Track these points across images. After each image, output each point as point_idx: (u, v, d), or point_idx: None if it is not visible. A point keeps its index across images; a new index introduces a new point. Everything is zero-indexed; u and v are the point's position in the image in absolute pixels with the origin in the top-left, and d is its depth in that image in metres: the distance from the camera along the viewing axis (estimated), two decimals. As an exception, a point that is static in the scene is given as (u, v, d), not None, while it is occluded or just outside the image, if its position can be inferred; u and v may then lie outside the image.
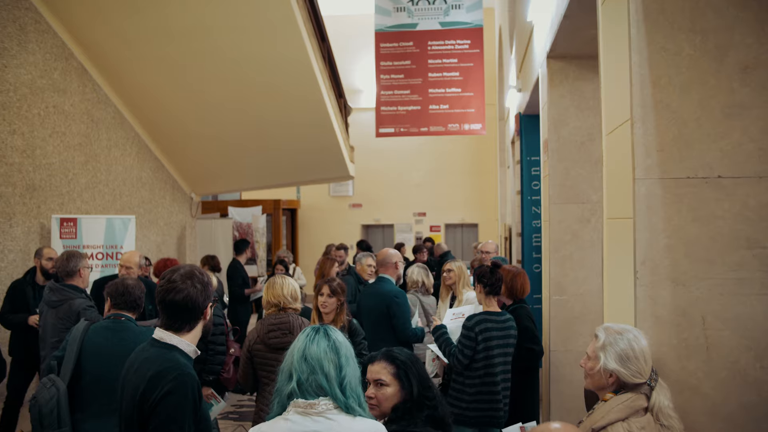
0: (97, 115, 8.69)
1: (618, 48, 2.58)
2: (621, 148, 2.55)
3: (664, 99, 2.37)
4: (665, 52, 2.37)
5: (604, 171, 2.94)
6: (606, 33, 2.87)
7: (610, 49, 2.80)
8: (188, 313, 2.38)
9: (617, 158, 2.64)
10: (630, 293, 2.42)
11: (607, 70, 2.85)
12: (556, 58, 5.15)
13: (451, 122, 11.24)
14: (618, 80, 2.59)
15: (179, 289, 2.35)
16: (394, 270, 5.18)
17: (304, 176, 12.14)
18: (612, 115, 2.74)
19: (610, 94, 2.80)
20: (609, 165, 2.84)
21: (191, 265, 2.53)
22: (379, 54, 11.21)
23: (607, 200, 2.88)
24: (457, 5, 10.80)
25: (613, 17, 2.69)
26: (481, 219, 17.26)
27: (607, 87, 2.85)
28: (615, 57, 2.66)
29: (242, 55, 8.42)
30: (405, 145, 16.83)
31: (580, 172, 5.15)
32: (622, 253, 2.54)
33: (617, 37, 2.59)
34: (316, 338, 2.19)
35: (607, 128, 2.87)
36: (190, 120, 9.81)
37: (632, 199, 2.37)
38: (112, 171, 9.06)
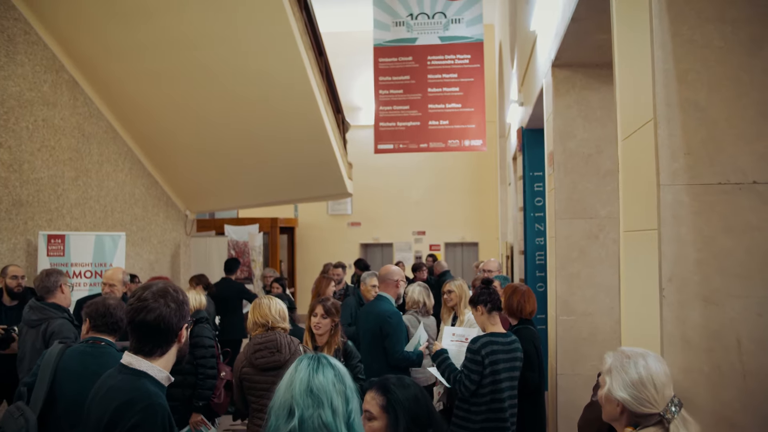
0: (88, 129, 8.47)
1: (637, 42, 2.35)
2: (642, 152, 2.31)
3: (692, 96, 2.13)
4: (692, 44, 2.14)
5: (621, 179, 2.69)
6: (622, 27, 2.64)
7: (627, 44, 2.57)
8: (160, 336, 2.12)
9: (637, 164, 2.40)
10: (654, 314, 2.17)
11: (624, 68, 2.61)
12: (561, 66, 4.94)
13: (451, 138, 11.03)
14: (638, 77, 2.36)
15: (150, 308, 2.10)
16: (395, 289, 4.90)
17: (301, 194, 11.90)
18: (630, 117, 2.50)
19: (627, 94, 2.57)
20: (626, 172, 2.60)
21: (166, 281, 2.27)
22: (378, 69, 11.03)
23: (625, 211, 2.63)
24: (457, 19, 10.63)
25: (631, 9, 2.46)
26: (482, 238, 17.02)
27: (624, 86, 2.61)
28: (634, 52, 2.42)
29: (238, 69, 8.21)
30: (404, 163, 16.65)
31: (588, 185, 4.91)
32: (645, 269, 2.29)
33: (636, 31, 2.36)
34: (321, 367, 1.91)
35: (623, 132, 2.63)
36: (184, 135, 9.59)
37: (657, 208, 2.13)
38: (103, 187, 8.82)
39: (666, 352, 2.09)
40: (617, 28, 2.72)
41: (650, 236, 2.21)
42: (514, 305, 4.39)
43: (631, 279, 2.54)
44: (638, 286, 2.42)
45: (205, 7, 7.33)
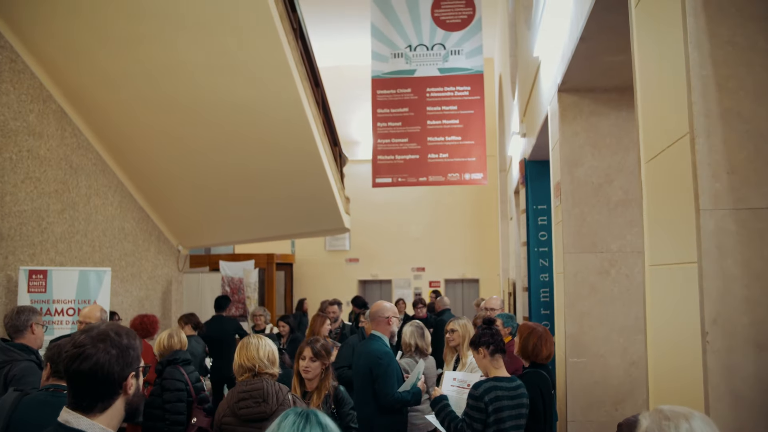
0: (76, 161, 8.19)
1: (667, 45, 2.05)
2: (675, 172, 2.00)
3: (735, 106, 1.83)
4: (733, 46, 1.85)
5: (645, 206, 2.38)
6: (646, 28, 2.34)
7: (652, 48, 2.27)
8: (99, 387, 1.77)
9: (668, 187, 2.09)
10: (695, 362, 1.84)
11: (649, 76, 2.32)
12: (568, 91, 4.66)
13: (450, 172, 10.73)
14: (667, 86, 2.06)
15: (86, 356, 1.76)
16: (386, 326, 4.49)
17: (297, 229, 11.58)
18: (657, 134, 2.20)
19: (653, 107, 2.27)
20: (653, 198, 2.29)
21: (114, 323, 1.93)
22: (376, 101, 10.79)
23: (652, 243, 2.31)
24: (457, 51, 10.43)
25: (658, 7, 2.17)
26: (483, 274, 16.67)
27: (649, 98, 2.31)
28: (662, 57, 2.13)
29: (232, 100, 7.97)
30: (403, 198, 16.41)
31: (598, 217, 4.60)
32: (681, 310, 1.96)
33: (665, 32, 2.07)
34: (308, 426, 1.59)
35: (648, 152, 2.32)
36: (177, 168, 9.31)
37: (696, 237, 1.81)
38: (91, 220, 8.51)
39: (713, 409, 1.75)
40: (639, 30, 2.43)
41: (688, 271, 1.89)
42: (530, 348, 4.01)
43: (661, 321, 2.21)
44: (671, 329, 2.08)
45: (197, 36, 7.11)
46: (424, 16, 10.46)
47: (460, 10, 10.35)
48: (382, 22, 10.63)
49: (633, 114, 4.65)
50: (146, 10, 6.81)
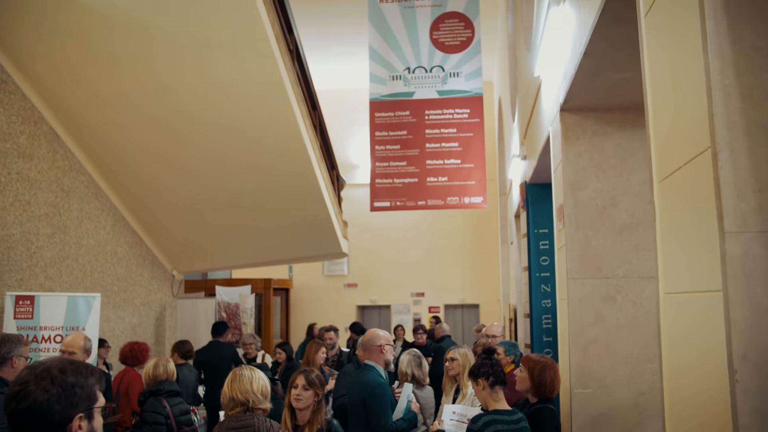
0: (67, 183, 8.02)
1: (683, 54, 1.89)
2: (694, 191, 1.82)
3: (761, 117, 1.66)
4: (757, 51, 1.68)
5: (659, 229, 2.20)
6: (657, 40, 2.18)
7: (664, 59, 2.11)
8: (37, 429, 1.58)
9: (686, 207, 1.91)
10: (722, 404, 1.65)
11: (662, 87, 2.15)
12: (570, 111, 4.51)
13: (450, 195, 10.56)
14: (684, 97, 1.89)
15: (25, 394, 1.57)
16: (380, 355, 4.25)
17: (294, 253, 11.39)
18: (673, 150, 2.02)
19: (667, 120, 2.10)
20: (667, 220, 2.11)
21: (62, 359, 1.73)
22: (374, 124, 10.65)
23: (666, 269, 2.13)
24: (456, 73, 10.32)
25: (672, 16, 2.01)
26: (483, 299, 16.46)
27: (662, 112, 2.14)
28: (676, 68, 1.96)
29: (226, 121, 7.83)
30: (402, 223, 16.26)
31: (603, 242, 4.42)
32: (704, 343, 1.78)
33: (681, 40, 1.91)
34: None
35: (662, 171, 2.14)
36: (171, 191, 9.15)
37: (720, 263, 1.63)
38: (82, 245, 8.32)
39: (744, 457, 1.56)
40: (649, 40, 2.27)
41: (710, 300, 1.70)
42: (546, 383, 3.73)
43: (678, 354, 2.02)
44: (692, 364, 1.89)
45: (192, 56, 6.99)
46: (422, 38, 10.36)
47: (459, 32, 10.26)
48: (380, 45, 10.53)
49: (638, 134, 4.49)
50: (139, 30, 6.70)
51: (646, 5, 2.30)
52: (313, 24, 13.48)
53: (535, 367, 3.76)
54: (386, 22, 10.50)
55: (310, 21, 13.16)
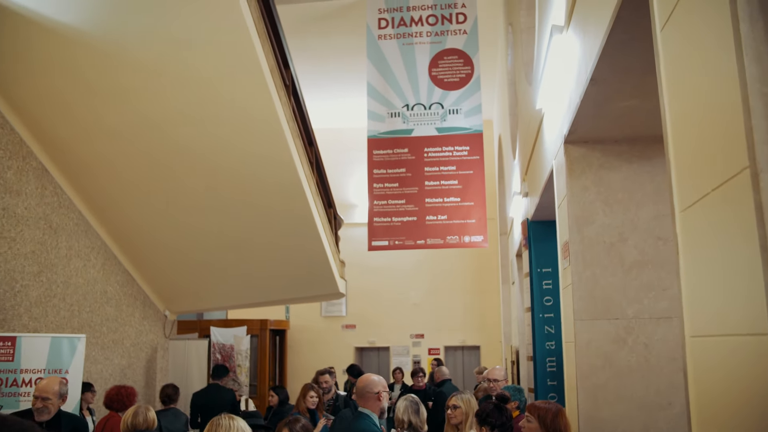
0: (56, 220, 7.79)
1: (711, 63, 1.68)
2: (728, 218, 1.59)
3: (808, 132, 1.44)
4: (801, 57, 1.47)
5: (682, 264, 1.96)
6: (677, 53, 1.98)
7: (687, 73, 1.90)
8: None
9: (718, 237, 1.68)
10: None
11: (684, 107, 1.93)
12: (575, 143, 4.31)
13: (450, 234, 10.32)
14: (713, 113, 1.68)
15: None
16: (376, 402, 3.96)
17: (289, 294, 11.10)
18: (699, 173, 1.80)
19: (691, 143, 1.88)
20: (693, 253, 1.87)
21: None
22: (372, 161, 10.48)
23: (693, 308, 1.89)
24: (455, 110, 10.18)
25: (696, 24, 1.81)
26: (484, 341, 16.12)
27: (685, 132, 1.92)
28: (703, 80, 1.75)
29: (219, 156, 7.65)
30: (401, 263, 16.02)
31: (611, 280, 4.17)
32: (746, 395, 1.53)
33: (709, 49, 1.69)
34: None
35: (686, 198, 1.92)
36: (164, 229, 8.92)
37: (767, 300, 1.39)
38: (70, 284, 8.05)
39: None
40: (667, 55, 2.06)
41: (754, 345, 1.46)
42: (561, 431, 3.46)
43: (713, 408, 1.76)
44: (731, 420, 1.64)
45: (184, 91, 6.83)
46: (421, 74, 10.26)
47: (458, 69, 10.16)
48: (379, 81, 10.43)
49: (645, 167, 4.28)
50: (131, 64, 6.55)
51: (662, 17, 2.11)
52: (311, 61, 13.43)
53: (546, 415, 3.47)
54: (384, 59, 10.41)
55: (307, 57, 13.10)
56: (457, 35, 10.26)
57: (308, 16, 12.19)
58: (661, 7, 2.12)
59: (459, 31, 10.25)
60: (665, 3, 2.07)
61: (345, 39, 12.57)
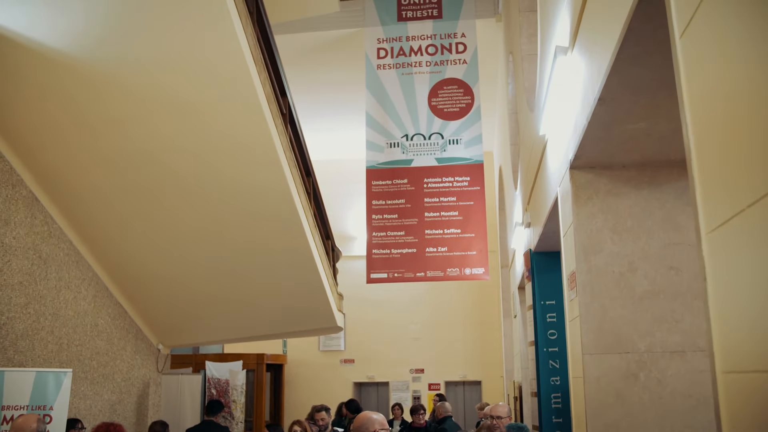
0: (46, 250, 7.59)
1: (745, 67, 1.50)
2: (765, 237, 1.40)
3: None
4: None
5: (710, 291, 1.76)
6: (702, 59, 1.80)
7: (714, 79, 1.72)
8: None
9: (754, 260, 1.48)
10: None
11: (711, 118, 1.75)
12: (581, 168, 4.13)
13: (450, 266, 10.15)
14: (745, 119, 1.49)
15: None
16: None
17: (285, 328, 10.83)
18: (730, 190, 1.61)
19: (720, 157, 1.69)
20: (725, 278, 1.67)
21: None
22: (371, 192, 10.35)
23: (725, 340, 1.68)
24: (455, 140, 10.07)
25: (721, 26, 1.63)
26: (485, 375, 15.81)
27: (709, 144, 1.74)
28: (734, 86, 1.57)
29: (214, 186, 7.49)
30: (401, 296, 15.80)
31: (622, 312, 3.96)
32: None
33: (743, 51, 1.52)
34: None
35: (714, 218, 1.72)
36: (158, 261, 8.71)
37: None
38: (59, 316, 7.82)
39: None
40: (688, 63, 1.88)
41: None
42: None
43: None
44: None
45: (177, 119, 6.69)
46: (421, 104, 10.17)
47: (458, 99, 10.07)
48: (378, 112, 10.34)
49: (655, 193, 4.09)
50: (125, 93, 6.42)
51: (681, 23, 1.93)
52: (311, 92, 13.35)
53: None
54: (384, 89, 10.33)
55: (307, 88, 13.03)
56: (457, 65, 10.19)
57: (309, 47, 12.13)
58: (680, 11, 1.95)
59: (459, 60, 10.19)
60: (685, 5, 1.90)
61: (346, 69, 12.50)
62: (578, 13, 3.52)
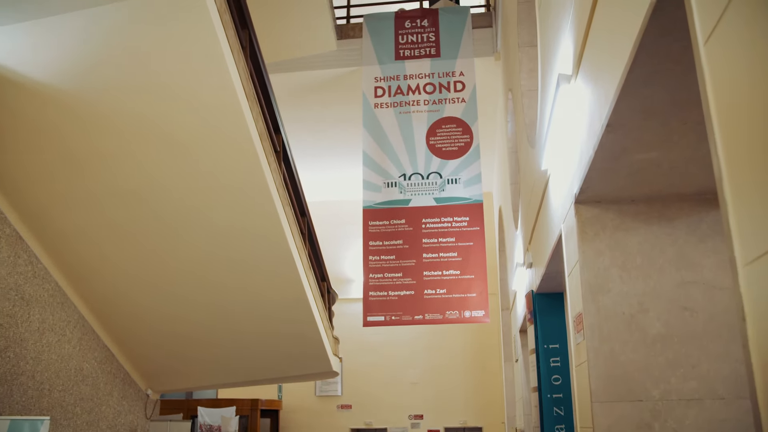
0: (29, 291, 7.30)
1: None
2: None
3: None
4: None
5: (751, 331, 1.51)
6: (731, 62, 1.57)
7: (744, 86, 1.49)
8: None
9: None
10: None
11: (743, 130, 1.52)
12: (587, 203, 3.89)
13: (449, 309, 9.82)
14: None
15: None
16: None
17: (278, 372, 10.48)
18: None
19: (756, 174, 1.45)
20: (766, 318, 1.42)
21: None
22: (368, 233, 10.09)
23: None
24: (454, 180, 9.86)
25: (756, 24, 1.41)
26: (486, 421, 15.39)
27: (744, 163, 1.50)
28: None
29: (204, 225, 7.25)
30: (400, 339, 15.47)
31: (633, 356, 3.68)
32: None
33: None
34: None
35: (752, 248, 1.48)
36: (147, 302, 8.42)
37: None
38: (41, 360, 7.49)
39: None
40: (715, 65, 1.65)
41: None
42: None
43: None
44: None
45: (166, 155, 6.49)
46: (418, 143, 10.00)
47: (456, 138, 9.90)
48: (375, 151, 10.16)
49: (665, 228, 3.84)
50: (112, 128, 6.23)
51: (706, 27, 1.71)
52: (309, 131, 13.23)
53: None
54: (381, 128, 10.17)
55: (305, 128, 12.92)
56: (456, 103, 10.05)
57: (306, 86, 12.04)
58: (705, 13, 1.73)
59: (457, 99, 10.05)
60: (710, 5, 1.68)
61: (343, 108, 12.38)
62: (582, 37, 3.33)
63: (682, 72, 2.48)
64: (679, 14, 2.13)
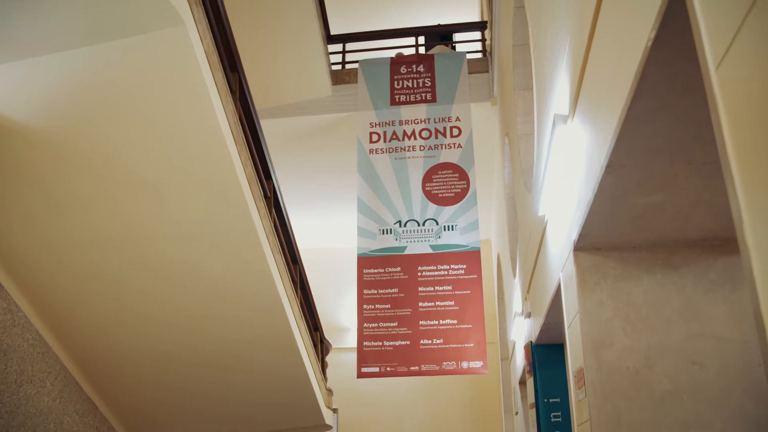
0: (7, 341, 7.00)
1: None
2: None
3: None
4: None
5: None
6: (745, 87, 1.37)
7: (763, 107, 1.28)
8: None
9: None
10: None
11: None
12: (587, 250, 3.66)
13: (446, 360, 9.51)
14: None
15: None
16: None
17: (269, 425, 10.10)
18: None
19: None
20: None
21: None
22: (362, 281, 9.84)
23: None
24: (451, 227, 9.65)
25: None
26: (486, 478, 14.88)
27: (761, 191, 1.29)
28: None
29: (190, 272, 7.02)
30: (397, 389, 15.05)
31: (639, 415, 3.40)
32: None
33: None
34: None
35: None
36: (132, 352, 8.12)
37: None
38: (17, 414, 7.15)
39: None
40: (728, 92, 1.45)
41: None
42: None
43: None
44: None
45: (149, 201, 6.28)
46: (414, 189, 9.83)
47: (453, 184, 9.73)
48: (370, 197, 9.99)
49: (671, 277, 3.60)
50: (95, 171, 6.02)
51: (717, 51, 1.52)
52: (303, 177, 13.09)
53: None
54: (376, 174, 10.02)
55: (299, 174, 12.78)
56: (452, 149, 9.91)
57: (300, 131, 11.94)
58: (715, 37, 1.53)
59: (453, 144, 9.92)
60: (721, 28, 1.49)
61: (337, 154, 12.26)
62: (578, 73, 3.15)
63: (687, 107, 2.28)
64: (682, 43, 1.94)
